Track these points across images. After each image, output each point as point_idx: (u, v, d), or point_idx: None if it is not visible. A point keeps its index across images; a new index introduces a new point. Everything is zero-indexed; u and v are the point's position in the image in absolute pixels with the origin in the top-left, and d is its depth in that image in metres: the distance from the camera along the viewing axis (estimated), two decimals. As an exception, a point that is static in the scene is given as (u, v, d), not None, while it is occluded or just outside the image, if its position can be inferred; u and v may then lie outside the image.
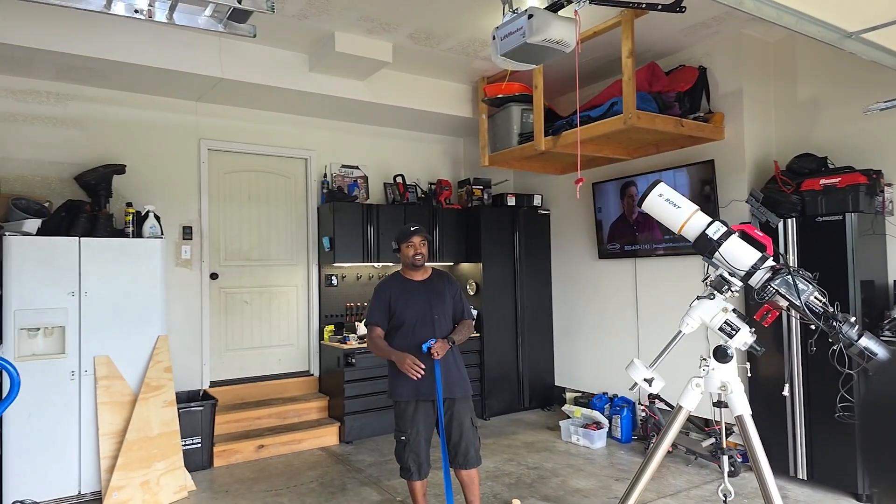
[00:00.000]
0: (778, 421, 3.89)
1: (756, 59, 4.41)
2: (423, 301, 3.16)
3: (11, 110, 4.28)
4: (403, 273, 3.27)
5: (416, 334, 3.09)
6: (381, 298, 3.18)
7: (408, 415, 3.09)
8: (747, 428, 2.00)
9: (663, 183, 2.16)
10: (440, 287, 3.24)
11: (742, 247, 2.00)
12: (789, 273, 1.84)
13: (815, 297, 1.87)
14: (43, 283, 3.66)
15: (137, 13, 2.24)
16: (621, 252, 5.13)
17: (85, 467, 3.74)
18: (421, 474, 3.10)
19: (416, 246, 3.16)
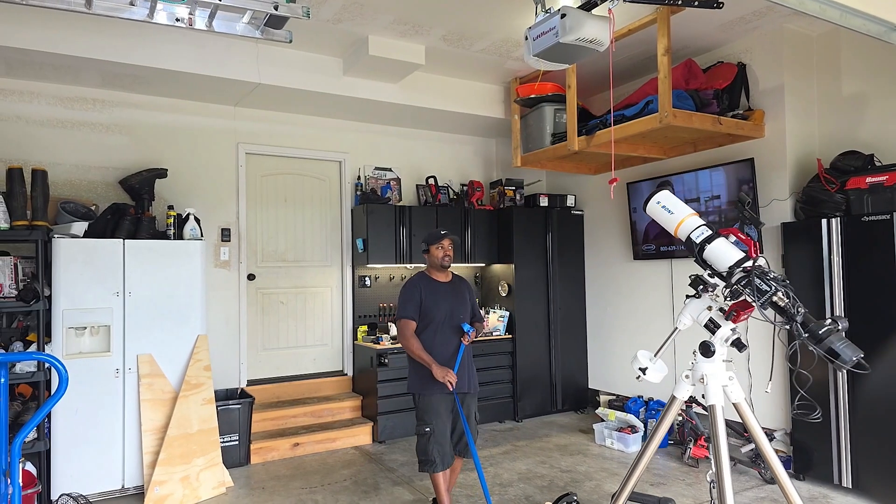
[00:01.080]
0: (821, 428, 3.77)
1: (798, 54, 4.28)
2: (449, 301, 3.36)
3: (60, 117, 4.46)
4: (429, 273, 3.46)
5: (443, 332, 3.31)
6: (413, 295, 3.34)
7: (432, 407, 3.24)
8: (716, 418, 2.09)
9: (664, 191, 2.24)
10: (461, 290, 3.47)
11: (725, 249, 2.06)
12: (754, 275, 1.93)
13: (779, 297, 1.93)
14: (89, 284, 3.80)
15: (179, 21, 2.30)
16: (657, 253, 5.04)
17: (128, 462, 3.86)
18: (445, 465, 3.22)
19: (446, 248, 3.39)
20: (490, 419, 5.47)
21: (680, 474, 4.10)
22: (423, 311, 3.31)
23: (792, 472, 3.99)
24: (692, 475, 4.06)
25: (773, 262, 4.22)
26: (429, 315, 3.30)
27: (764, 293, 1.93)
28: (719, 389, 2.04)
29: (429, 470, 3.23)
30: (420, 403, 3.30)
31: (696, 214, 2.17)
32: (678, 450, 4.51)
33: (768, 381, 2.22)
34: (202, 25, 2.34)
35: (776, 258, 4.19)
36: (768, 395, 4.26)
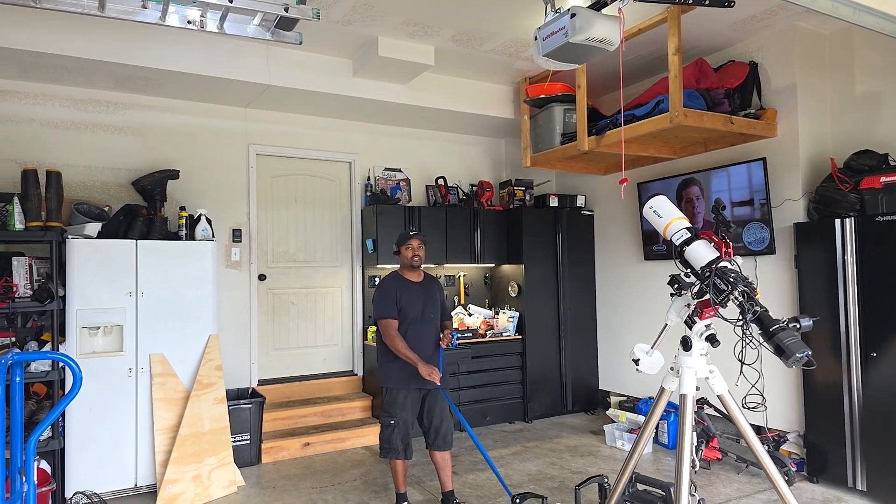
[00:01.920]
0: (835, 430, 3.73)
1: (810, 53, 4.25)
2: (421, 301, 3.52)
3: (74, 119, 4.51)
4: (402, 273, 3.60)
5: (415, 329, 3.47)
6: (389, 295, 3.48)
7: (399, 401, 3.43)
8: (685, 406, 2.18)
9: (658, 197, 2.38)
10: (432, 289, 3.62)
11: (701, 251, 2.18)
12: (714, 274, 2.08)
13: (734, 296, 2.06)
14: (102, 284, 3.84)
15: (190, 24, 2.33)
16: (668, 253, 5.01)
17: (141, 461, 3.90)
18: (406, 454, 3.44)
19: (415, 248, 3.53)
20: (500, 420, 5.46)
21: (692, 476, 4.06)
22: (400, 309, 3.45)
23: (805, 475, 3.96)
24: (704, 477, 4.04)
25: (786, 263, 4.19)
26: (402, 313, 3.45)
27: (722, 291, 2.05)
28: (692, 381, 2.17)
29: (390, 457, 3.45)
30: (388, 397, 3.48)
31: (683, 218, 2.27)
32: (689, 451, 4.48)
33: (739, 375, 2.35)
34: (213, 28, 2.37)
35: (789, 258, 4.16)
36: (782, 397, 4.23)
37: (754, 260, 4.41)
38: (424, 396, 3.51)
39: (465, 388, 5.29)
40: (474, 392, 5.33)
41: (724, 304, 2.07)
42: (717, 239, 2.15)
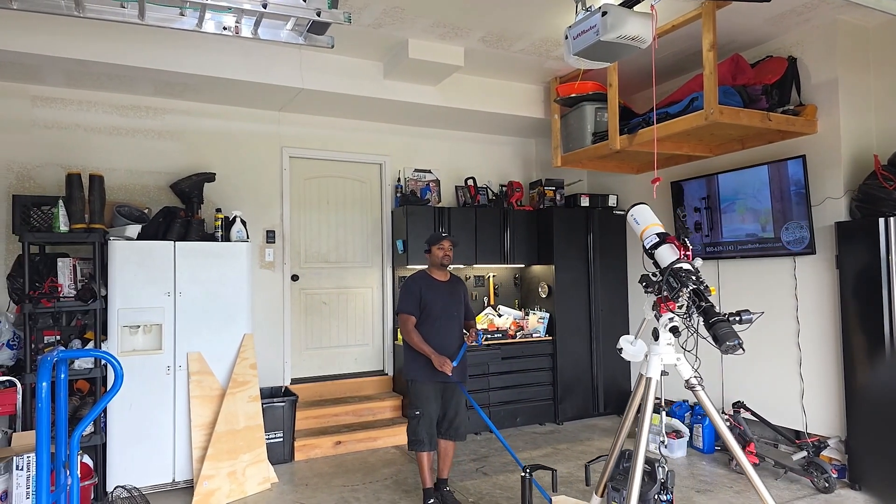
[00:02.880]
0: (879, 435, 3.59)
1: (852, 47, 4.11)
2: (446, 299, 3.67)
3: (116, 124, 4.66)
4: (429, 273, 3.75)
5: (440, 326, 3.60)
6: (413, 292, 3.64)
7: (424, 394, 3.56)
8: (649, 389, 2.39)
9: (639, 206, 2.69)
10: (457, 289, 3.77)
11: (665, 253, 2.42)
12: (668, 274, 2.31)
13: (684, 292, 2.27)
14: (142, 284, 3.95)
15: (226, 30, 2.38)
16: (703, 253, 4.91)
17: (179, 456, 4.00)
18: (431, 445, 3.56)
19: (446, 249, 3.68)
20: (530, 421, 5.43)
21: (727, 481, 3.98)
22: (422, 306, 3.61)
23: (847, 482, 3.83)
24: (740, 482, 3.94)
25: (827, 263, 4.06)
26: (426, 310, 3.60)
27: (674, 289, 2.28)
28: (658, 366, 2.38)
29: (417, 449, 3.55)
30: (413, 389, 3.61)
31: (658, 225, 2.54)
32: (725, 456, 4.39)
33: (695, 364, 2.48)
34: (248, 33, 2.42)
35: (830, 259, 4.03)
36: (822, 401, 4.10)
37: (793, 260, 4.29)
38: (444, 390, 3.64)
39: (495, 389, 5.28)
40: (504, 393, 5.32)
41: (676, 299, 2.28)
42: (678, 243, 2.42)
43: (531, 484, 2.86)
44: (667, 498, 2.26)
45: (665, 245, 2.44)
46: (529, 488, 2.83)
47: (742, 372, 4.68)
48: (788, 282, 4.34)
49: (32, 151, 4.38)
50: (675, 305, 2.29)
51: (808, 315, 4.22)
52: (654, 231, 2.50)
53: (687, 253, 2.39)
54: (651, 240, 2.49)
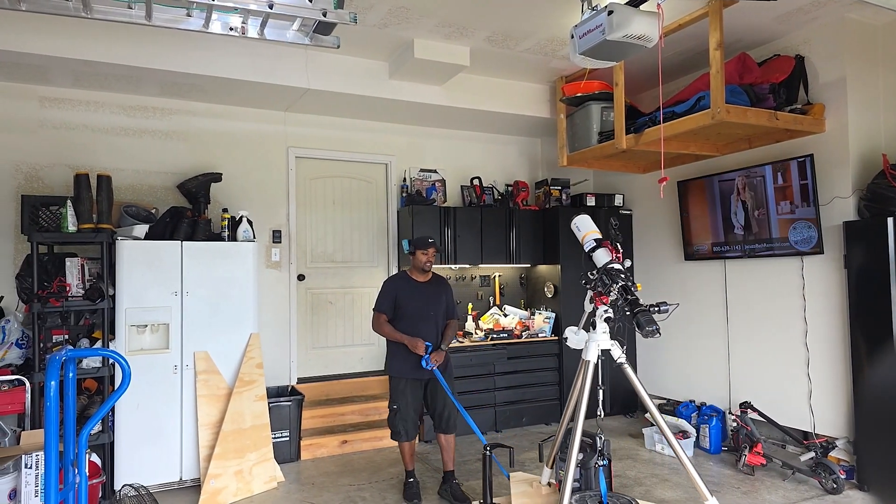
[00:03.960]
0: (888, 436, 3.57)
1: (861, 45, 4.08)
2: (423, 299, 3.80)
3: (123, 125, 4.68)
4: (410, 273, 3.88)
5: (415, 324, 3.73)
6: (389, 293, 3.82)
7: (400, 388, 3.73)
8: (587, 372, 2.68)
9: (581, 216, 3.06)
10: (437, 289, 3.87)
11: (600, 255, 2.78)
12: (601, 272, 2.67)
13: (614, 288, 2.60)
14: (150, 284, 3.97)
15: (232, 30, 2.39)
16: (710, 254, 4.90)
17: (186, 455, 4.02)
18: (409, 436, 3.76)
19: (430, 255, 3.79)
20: (536, 421, 5.43)
21: (735, 482, 3.97)
22: (397, 305, 3.77)
23: (855, 483, 3.81)
24: (747, 483, 3.93)
25: (835, 263, 4.04)
26: (400, 310, 3.77)
27: (606, 285, 2.61)
28: (596, 351, 2.69)
29: (396, 439, 3.78)
30: (391, 384, 3.79)
31: (595, 232, 2.89)
32: (732, 456, 4.37)
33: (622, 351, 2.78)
34: (254, 34, 2.43)
35: (838, 258, 4.01)
36: (830, 401, 4.08)
37: (800, 260, 4.27)
38: (426, 385, 3.78)
39: (501, 389, 5.28)
40: (510, 393, 5.31)
41: (608, 293, 2.61)
42: (611, 247, 2.76)
43: (492, 460, 3.06)
44: (604, 462, 2.61)
45: (601, 249, 2.80)
46: (490, 464, 3.02)
47: (750, 372, 4.66)
48: (796, 282, 4.32)
49: (41, 152, 4.41)
50: (608, 299, 2.62)
51: (815, 315, 4.19)
52: (592, 237, 2.86)
53: (618, 255, 2.73)
54: (590, 244, 2.85)
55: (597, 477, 2.56)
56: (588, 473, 2.62)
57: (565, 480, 2.39)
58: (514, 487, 2.96)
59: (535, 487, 2.91)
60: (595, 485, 2.57)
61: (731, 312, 4.83)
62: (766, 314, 4.55)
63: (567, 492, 2.36)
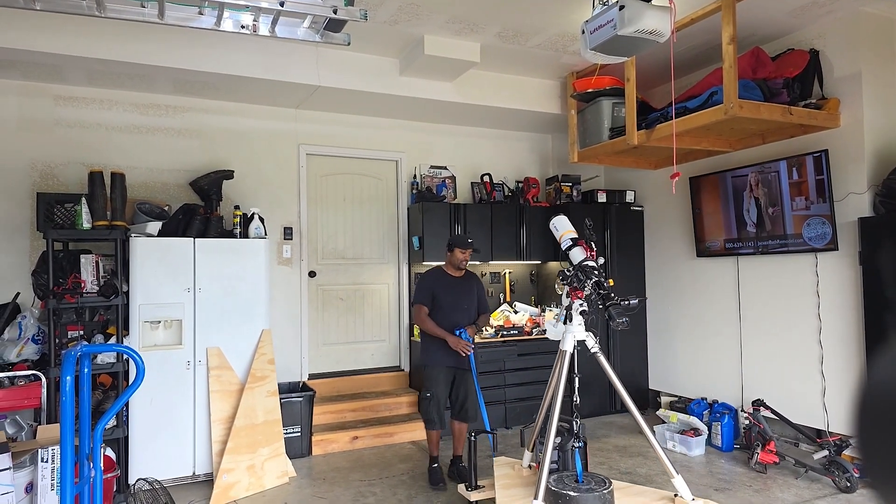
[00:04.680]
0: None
1: (877, 39, 4.03)
2: (457, 293, 4.02)
3: (136, 123, 4.73)
4: (445, 269, 4.10)
5: (450, 317, 3.95)
6: (426, 286, 4.05)
7: (434, 376, 3.95)
8: (564, 360, 2.81)
9: (558, 217, 3.18)
10: (470, 285, 4.10)
11: (576, 254, 2.93)
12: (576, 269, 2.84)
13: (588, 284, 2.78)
14: (163, 280, 4.01)
15: (244, 28, 2.41)
16: (722, 250, 4.86)
17: (199, 450, 4.06)
18: (442, 424, 3.99)
19: (466, 255, 4.01)
20: (547, 418, 5.42)
21: (747, 480, 3.94)
22: (434, 299, 3.98)
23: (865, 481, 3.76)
24: (760, 481, 3.90)
25: (850, 259, 3.99)
26: (437, 303, 3.98)
27: (581, 280, 2.78)
28: (572, 341, 2.83)
29: (430, 428, 3.99)
30: (426, 373, 3.99)
31: (572, 231, 3.05)
32: (745, 454, 4.34)
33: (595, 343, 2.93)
34: (265, 31, 2.44)
35: (853, 255, 3.96)
36: (844, 399, 4.04)
37: (814, 257, 4.23)
38: (455, 375, 3.98)
39: (511, 386, 5.27)
40: (520, 390, 5.31)
41: (583, 288, 2.78)
42: (586, 246, 2.94)
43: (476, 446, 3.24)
44: (579, 444, 2.75)
45: (577, 247, 2.96)
46: (475, 449, 3.18)
47: (762, 370, 4.63)
48: (810, 279, 4.28)
49: (55, 150, 4.46)
50: (583, 294, 2.80)
51: (829, 312, 4.15)
52: (569, 236, 3.03)
53: (592, 253, 2.90)
54: (566, 243, 3.01)
55: (573, 458, 2.71)
56: (565, 455, 2.77)
57: (543, 462, 2.51)
58: (498, 470, 3.12)
59: (517, 470, 3.06)
60: (571, 466, 2.71)
61: (744, 309, 4.79)
62: (779, 311, 4.51)
63: (545, 472, 2.49)
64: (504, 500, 2.73)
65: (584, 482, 2.60)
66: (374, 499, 3.76)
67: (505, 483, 2.92)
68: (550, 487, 2.53)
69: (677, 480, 2.65)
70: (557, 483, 2.57)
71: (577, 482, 2.59)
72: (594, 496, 2.48)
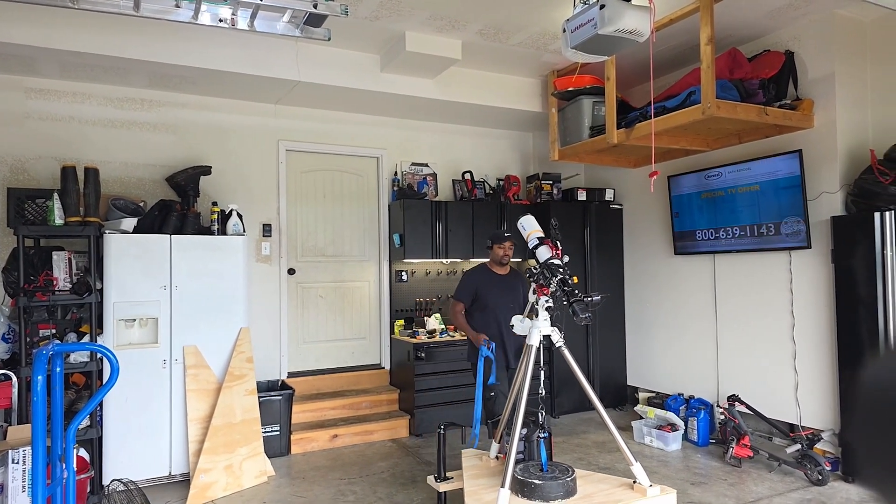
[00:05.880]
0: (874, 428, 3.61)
1: (850, 41, 4.11)
2: (501, 291, 4.01)
3: (111, 117, 4.63)
4: (489, 266, 4.11)
5: (495, 314, 3.96)
6: (469, 283, 4.06)
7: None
8: (531, 354, 2.84)
9: (526, 216, 3.25)
10: (515, 282, 4.08)
11: (543, 252, 3.02)
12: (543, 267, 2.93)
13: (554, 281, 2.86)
14: (138, 278, 3.94)
15: (222, 22, 2.37)
16: (700, 248, 4.93)
17: (175, 450, 4.00)
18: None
19: (506, 249, 4.04)
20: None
21: (722, 474, 4.01)
22: (478, 296, 4.01)
23: (840, 474, 3.86)
24: (735, 475, 3.97)
25: (823, 258, 4.08)
26: (481, 300, 4.00)
27: (547, 278, 2.87)
28: (538, 336, 2.88)
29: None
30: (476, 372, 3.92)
31: (539, 231, 3.14)
32: (720, 449, 4.41)
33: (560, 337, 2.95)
34: (244, 25, 2.41)
35: (825, 253, 4.05)
36: (816, 394, 4.13)
37: (788, 255, 4.31)
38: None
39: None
40: (501, 387, 5.32)
41: (549, 285, 2.87)
42: (552, 244, 3.04)
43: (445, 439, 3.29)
44: (544, 435, 2.83)
45: (543, 246, 3.05)
46: (444, 441, 3.24)
47: (737, 366, 4.71)
48: (784, 276, 4.36)
49: (27, 144, 4.35)
50: (549, 290, 2.88)
51: (803, 309, 4.24)
52: (535, 235, 3.13)
53: (558, 252, 3.01)
54: (533, 242, 3.10)
55: (538, 448, 2.80)
56: (531, 446, 2.85)
57: (510, 453, 2.58)
58: (466, 462, 3.18)
59: (485, 461, 3.14)
60: (537, 456, 2.80)
61: (720, 307, 4.87)
62: (754, 308, 4.59)
63: (511, 462, 2.56)
64: (472, 490, 2.78)
65: (548, 471, 2.70)
66: (354, 497, 3.74)
67: (473, 474, 2.98)
68: (517, 476, 2.61)
69: (636, 468, 2.77)
70: (523, 472, 2.65)
71: (542, 471, 2.70)
72: (558, 483, 2.58)
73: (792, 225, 4.19)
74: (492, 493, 2.66)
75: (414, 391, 4.98)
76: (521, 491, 2.58)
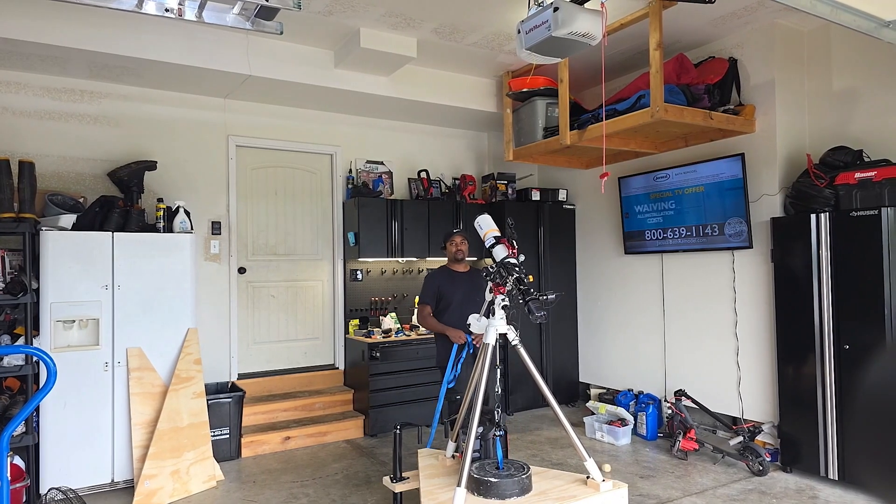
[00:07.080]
0: (808, 421, 3.81)
1: (789, 50, 4.31)
2: (464, 289, 3.99)
3: (47, 108, 4.40)
4: (449, 266, 4.11)
5: (459, 312, 3.88)
6: (432, 285, 4.04)
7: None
8: (487, 352, 2.86)
9: (483, 216, 3.28)
10: (477, 279, 4.05)
11: (499, 251, 3.04)
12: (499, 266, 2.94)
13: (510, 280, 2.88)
14: (78, 277, 3.76)
15: (168, 12, 2.29)
16: (648, 248, 5.07)
17: (118, 456, 3.85)
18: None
19: (458, 244, 4.05)
20: (481, 412, 5.48)
21: (670, 466, 4.13)
22: (441, 296, 3.98)
23: (779, 464, 4.04)
24: (681, 467, 4.10)
25: (763, 257, 4.26)
26: (445, 300, 3.98)
27: (503, 276, 2.89)
28: (494, 334, 2.89)
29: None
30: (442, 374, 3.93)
31: (495, 230, 3.15)
32: (667, 442, 4.55)
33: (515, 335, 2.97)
34: (192, 16, 2.33)
35: (765, 252, 4.23)
36: (757, 388, 4.31)
37: (731, 254, 4.48)
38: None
39: (447, 382, 5.29)
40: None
41: (505, 284, 2.89)
42: (508, 244, 3.07)
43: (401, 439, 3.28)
44: (500, 433, 2.87)
45: (499, 245, 3.07)
46: (400, 441, 3.24)
47: (684, 361, 4.87)
48: (727, 275, 4.53)
49: (-46, 135, 4.09)
50: (505, 289, 2.91)
51: (745, 306, 4.41)
52: (492, 234, 3.14)
53: (514, 251, 3.04)
54: (490, 241, 3.12)
55: (494, 447, 2.83)
56: (487, 444, 2.89)
57: (466, 451, 2.59)
58: (422, 461, 3.18)
59: (441, 460, 3.16)
60: (493, 454, 2.84)
61: (668, 305, 5.02)
62: (700, 306, 4.75)
63: (467, 461, 2.58)
64: (428, 490, 2.78)
65: (504, 469, 2.72)
66: (307, 500, 3.68)
67: (429, 473, 2.99)
68: (473, 475, 2.62)
69: (589, 463, 2.82)
70: (479, 470, 2.67)
71: (497, 469, 2.72)
72: (513, 481, 2.60)
73: (735, 225, 4.36)
74: (448, 493, 2.66)
75: (369, 391, 4.93)
76: (478, 489, 2.59)
